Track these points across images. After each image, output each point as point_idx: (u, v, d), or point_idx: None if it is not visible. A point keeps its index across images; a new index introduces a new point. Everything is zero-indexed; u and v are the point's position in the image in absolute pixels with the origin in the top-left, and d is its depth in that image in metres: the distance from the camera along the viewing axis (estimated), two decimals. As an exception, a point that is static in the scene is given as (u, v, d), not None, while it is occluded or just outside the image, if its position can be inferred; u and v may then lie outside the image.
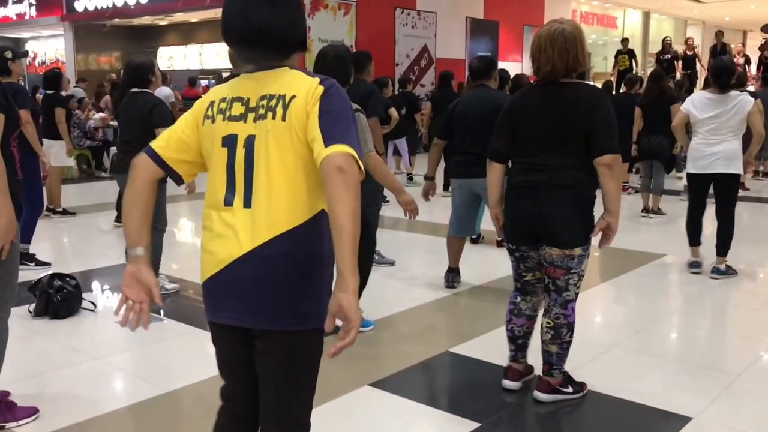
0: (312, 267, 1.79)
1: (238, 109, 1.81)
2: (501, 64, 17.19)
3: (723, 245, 5.27)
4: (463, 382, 3.62)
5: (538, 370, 3.39)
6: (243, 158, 1.78)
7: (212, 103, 1.87)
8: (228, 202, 1.80)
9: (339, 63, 3.78)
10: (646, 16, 23.17)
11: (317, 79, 1.77)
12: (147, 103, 4.64)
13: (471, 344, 3.97)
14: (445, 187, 9.41)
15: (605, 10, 21.94)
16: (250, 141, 1.78)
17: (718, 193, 5.27)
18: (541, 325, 3.16)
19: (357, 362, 3.62)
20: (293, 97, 1.74)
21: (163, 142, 1.90)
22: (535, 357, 3.37)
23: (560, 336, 3.11)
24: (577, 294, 3.12)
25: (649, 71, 20.99)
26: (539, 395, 3.19)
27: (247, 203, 1.77)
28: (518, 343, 3.32)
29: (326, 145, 1.65)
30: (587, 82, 3.35)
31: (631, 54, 15.94)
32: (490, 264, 5.89)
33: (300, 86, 1.76)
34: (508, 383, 3.33)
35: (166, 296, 4.85)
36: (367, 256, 3.99)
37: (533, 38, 3.09)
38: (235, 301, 1.81)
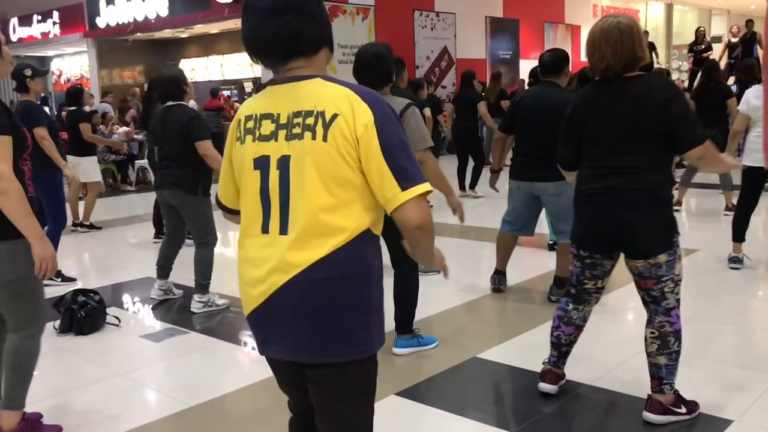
0: (358, 290, 1.71)
1: (268, 127, 1.72)
2: (522, 63, 17.18)
3: None
4: (492, 388, 3.53)
5: (572, 375, 3.29)
6: (278, 181, 1.69)
7: (239, 122, 1.79)
8: (264, 229, 1.72)
9: (378, 61, 3.56)
10: (669, 7, 22.80)
11: (356, 95, 1.67)
12: (184, 116, 4.58)
13: (498, 349, 3.88)
14: (471, 187, 9.29)
15: (627, 3, 21.66)
16: (284, 162, 1.68)
17: None
18: (645, 337, 2.96)
19: (382, 370, 3.54)
20: (335, 115, 1.64)
21: (225, 196, 1.89)
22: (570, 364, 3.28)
23: (668, 345, 2.89)
24: (678, 300, 2.90)
25: (674, 64, 20.69)
26: (650, 416, 2.92)
27: (284, 229, 1.69)
28: (562, 351, 3.17)
29: (402, 187, 1.63)
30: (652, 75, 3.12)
31: (652, 47, 15.69)
32: (518, 265, 5.77)
33: (338, 101, 1.66)
34: (546, 386, 3.19)
35: (216, 313, 4.77)
36: (411, 279, 3.85)
37: (587, 35, 2.92)
38: (280, 335, 1.74)
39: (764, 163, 4.84)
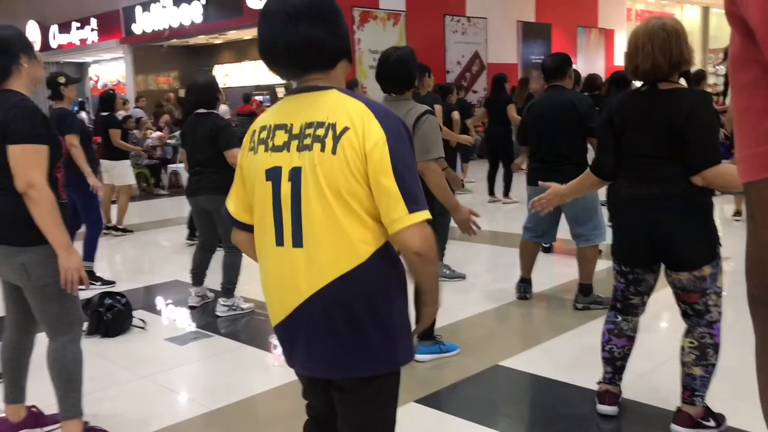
0: (380, 307, 1.69)
1: (281, 137, 1.70)
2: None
3: None
4: (514, 397, 3.49)
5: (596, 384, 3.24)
6: (289, 193, 1.67)
7: (254, 132, 1.78)
8: (279, 241, 1.71)
9: (402, 66, 3.52)
10: (705, 11, 22.43)
11: (369, 110, 1.64)
12: (213, 127, 4.61)
13: (522, 357, 3.84)
14: (505, 194, 9.23)
15: (662, 7, 21.34)
16: (295, 174, 1.66)
17: None
18: (682, 346, 2.89)
19: (402, 377, 3.53)
20: (345, 128, 1.62)
21: (233, 206, 1.86)
22: (589, 373, 3.23)
23: (706, 357, 2.82)
24: (720, 313, 2.84)
25: (710, 68, 20.32)
26: (679, 429, 2.86)
27: (297, 242, 1.67)
28: (617, 365, 3.08)
29: (410, 210, 1.61)
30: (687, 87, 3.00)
31: None
32: (546, 272, 5.72)
33: (351, 115, 1.63)
34: (606, 408, 3.08)
35: (241, 316, 4.81)
36: None
37: (629, 37, 2.84)
38: (303, 351, 1.74)
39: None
